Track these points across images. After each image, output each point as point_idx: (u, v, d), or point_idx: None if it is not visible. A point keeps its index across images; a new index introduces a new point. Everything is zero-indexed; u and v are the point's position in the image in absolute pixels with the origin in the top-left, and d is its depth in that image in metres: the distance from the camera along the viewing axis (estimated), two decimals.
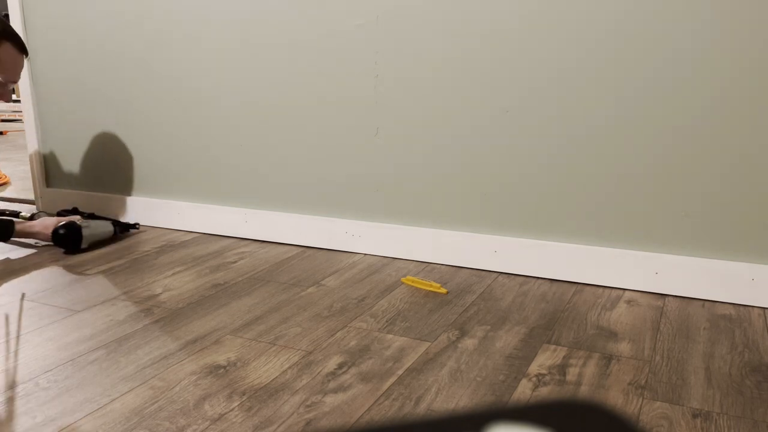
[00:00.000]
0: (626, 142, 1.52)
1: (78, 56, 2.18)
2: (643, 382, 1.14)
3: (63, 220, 1.94)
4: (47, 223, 1.93)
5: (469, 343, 1.29)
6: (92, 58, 2.16)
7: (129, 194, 2.22)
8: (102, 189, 2.27)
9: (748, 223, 1.46)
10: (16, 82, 1.91)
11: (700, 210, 1.49)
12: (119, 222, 2.07)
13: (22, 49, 1.90)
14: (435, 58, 1.67)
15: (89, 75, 2.18)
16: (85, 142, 2.26)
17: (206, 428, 1.00)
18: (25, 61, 2.10)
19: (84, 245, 1.91)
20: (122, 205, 2.22)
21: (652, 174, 1.52)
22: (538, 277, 1.66)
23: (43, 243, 1.97)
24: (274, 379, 1.14)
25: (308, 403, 1.07)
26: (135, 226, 2.10)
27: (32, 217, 2.11)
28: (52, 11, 2.19)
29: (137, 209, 2.20)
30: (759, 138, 1.42)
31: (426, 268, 1.73)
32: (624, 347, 1.27)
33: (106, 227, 1.99)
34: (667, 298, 1.52)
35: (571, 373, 1.17)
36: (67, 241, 1.88)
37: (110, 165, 2.23)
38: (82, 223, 1.93)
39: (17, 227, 1.94)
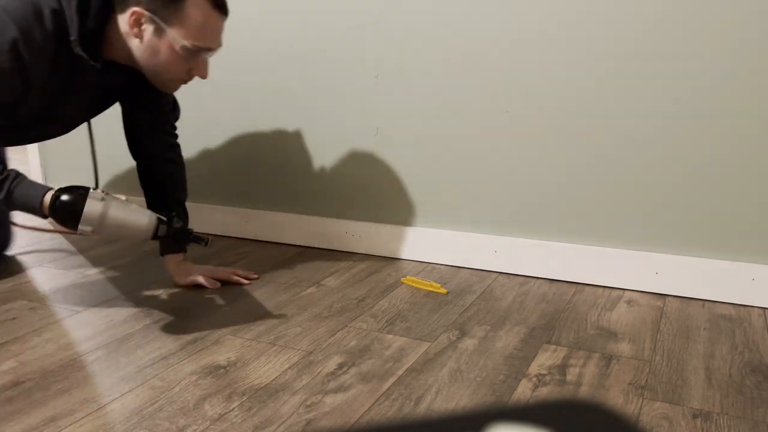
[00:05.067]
0: (626, 142, 1.52)
1: None
2: (643, 382, 1.14)
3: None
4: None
5: (469, 343, 1.29)
6: None
7: (129, 194, 2.22)
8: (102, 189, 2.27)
9: (748, 223, 1.46)
10: (213, 50, 1.38)
11: (700, 210, 1.49)
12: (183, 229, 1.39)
13: (216, 5, 1.34)
14: (435, 58, 1.67)
15: None
16: (84, 142, 2.26)
17: (206, 428, 1.00)
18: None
19: (85, 227, 1.27)
20: None
21: (652, 174, 1.52)
22: (538, 277, 1.66)
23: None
24: (274, 379, 1.14)
25: (308, 403, 1.07)
26: (202, 240, 1.40)
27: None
28: None
29: None
30: (759, 138, 1.42)
31: (426, 268, 1.73)
32: (624, 347, 1.27)
33: (138, 218, 1.32)
34: (667, 298, 1.52)
35: (571, 373, 1.17)
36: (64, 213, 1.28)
37: (110, 165, 2.23)
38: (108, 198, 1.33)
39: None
